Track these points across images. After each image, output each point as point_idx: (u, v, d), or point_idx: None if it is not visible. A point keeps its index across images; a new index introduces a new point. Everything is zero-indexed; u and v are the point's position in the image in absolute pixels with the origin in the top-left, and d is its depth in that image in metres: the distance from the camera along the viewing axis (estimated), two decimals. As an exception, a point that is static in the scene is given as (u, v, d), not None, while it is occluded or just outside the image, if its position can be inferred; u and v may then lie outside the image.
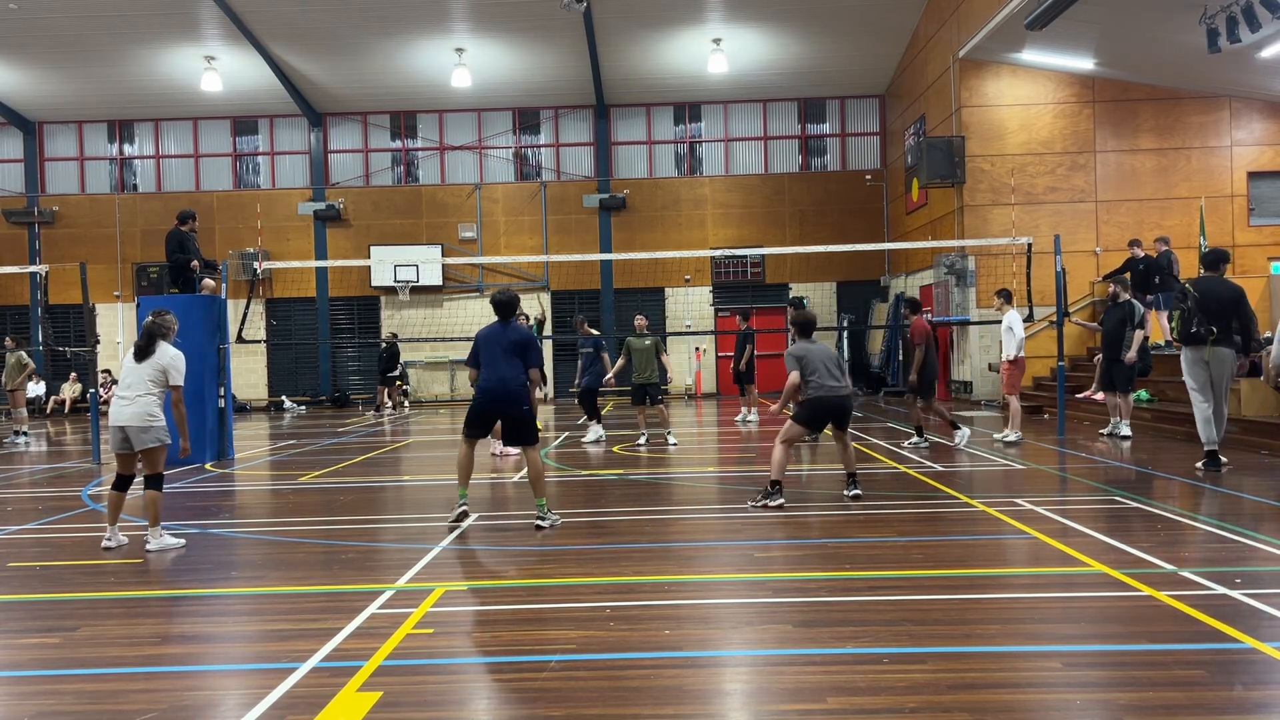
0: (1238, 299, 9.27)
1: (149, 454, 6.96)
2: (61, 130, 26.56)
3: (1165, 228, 18.04)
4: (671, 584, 5.60)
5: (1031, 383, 18.41)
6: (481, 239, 25.40)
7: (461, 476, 7.49)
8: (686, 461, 11.48)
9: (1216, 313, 9.28)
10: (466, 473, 7.51)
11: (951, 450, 11.47)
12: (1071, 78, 19.30)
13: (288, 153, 26.43)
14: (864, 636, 4.45)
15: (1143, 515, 7.21)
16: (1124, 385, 12.40)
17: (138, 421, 6.89)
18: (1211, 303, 9.30)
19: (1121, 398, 12.42)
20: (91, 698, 3.93)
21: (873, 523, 7.24)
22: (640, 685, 3.92)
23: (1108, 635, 4.50)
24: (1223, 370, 9.34)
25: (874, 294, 25.33)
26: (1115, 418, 12.43)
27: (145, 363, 7.06)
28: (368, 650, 4.37)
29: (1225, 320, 9.25)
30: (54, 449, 15.51)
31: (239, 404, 23.15)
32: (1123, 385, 12.39)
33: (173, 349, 7.19)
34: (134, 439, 6.90)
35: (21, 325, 25.84)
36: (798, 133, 26.17)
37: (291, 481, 10.56)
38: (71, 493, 9.84)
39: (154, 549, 6.75)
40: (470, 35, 22.63)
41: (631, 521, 7.47)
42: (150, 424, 6.92)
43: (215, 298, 12.85)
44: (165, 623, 5.06)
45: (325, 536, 7.20)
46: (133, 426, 6.89)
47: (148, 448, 6.93)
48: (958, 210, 19.63)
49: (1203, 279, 9.61)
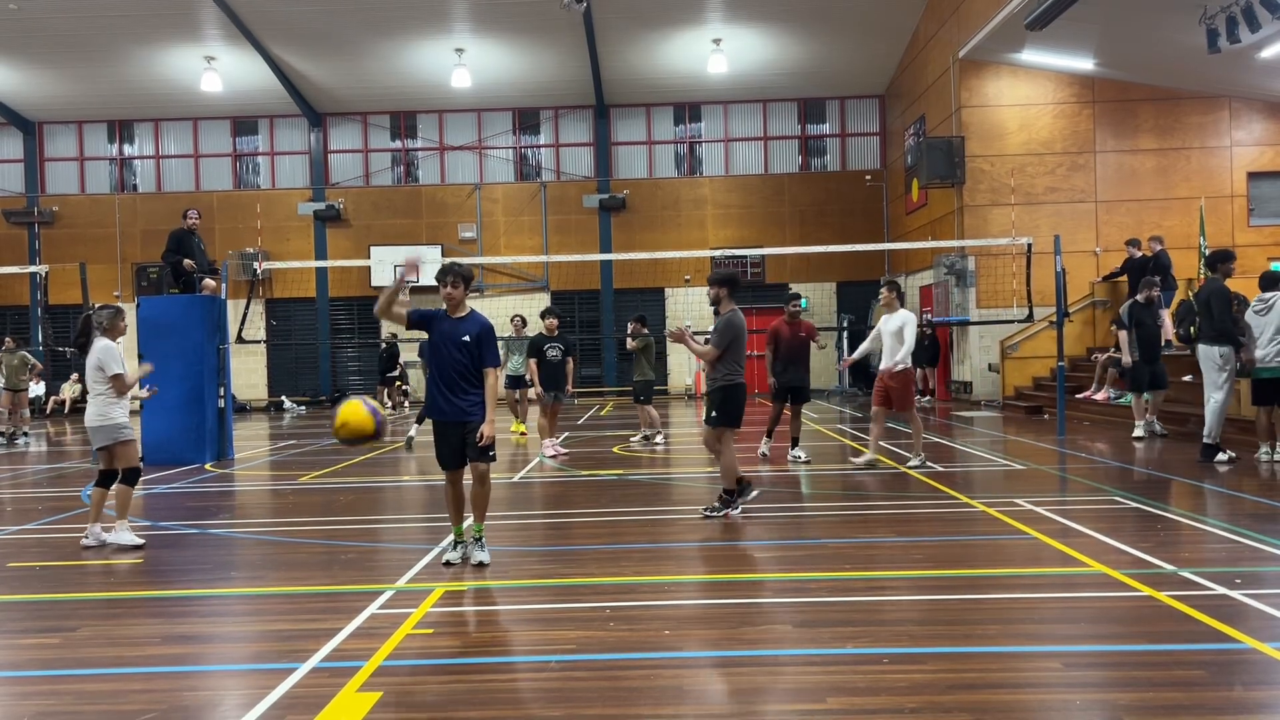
0: (1208, 297, 9.86)
1: (109, 452, 7.06)
2: (61, 130, 26.56)
3: (1165, 228, 18.05)
4: (671, 584, 5.60)
5: (1031, 383, 18.42)
6: (481, 239, 25.40)
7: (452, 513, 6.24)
8: (686, 461, 11.48)
9: (1202, 313, 9.99)
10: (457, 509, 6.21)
11: (951, 451, 11.47)
12: (1071, 78, 19.30)
13: (288, 153, 26.43)
14: (864, 636, 4.45)
15: (1143, 515, 7.20)
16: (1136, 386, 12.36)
17: (92, 422, 7.04)
18: (1199, 304, 10.07)
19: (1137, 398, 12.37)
20: (91, 698, 3.93)
21: (873, 523, 7.24)
22: (640, 685, 3.92)
23: (1108, 635, 4.50)
24: (1205, 365, 9.93)
25: (874, 294, 25.29)
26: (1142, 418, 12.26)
27: (86, 359, 7.12)
28: (368, 650, 4.36)
29: (1207, 319, 9.87)
30: (54, 449, 15.51)
31: (239, 404, 23.14)
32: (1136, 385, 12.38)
33: (103, 340, 7.08)
34: (93, 439, 7.07)
35: (21, 325, 25.85)
36: (798, 133, 26.18)
37: (291, 481, 10.55)
38: (71, 493, 9.84)
39: (110, 541, 6.80)
40: (470, 35, 22.64)
41: (631, 521, 7.46)
42: (102, 423, 7.00)
43: (215, 298, 12.84)
44: (165, 623, 5.05)
45: (325, 536, 7.19)
46: (91, 428, 7.05)
47: (106, 445, 7.05)
48: (957, 210, 19.63)
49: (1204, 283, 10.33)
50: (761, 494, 8.09)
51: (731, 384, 7.55)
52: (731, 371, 7.54)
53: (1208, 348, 9.88)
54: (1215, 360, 9.82)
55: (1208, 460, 9.72)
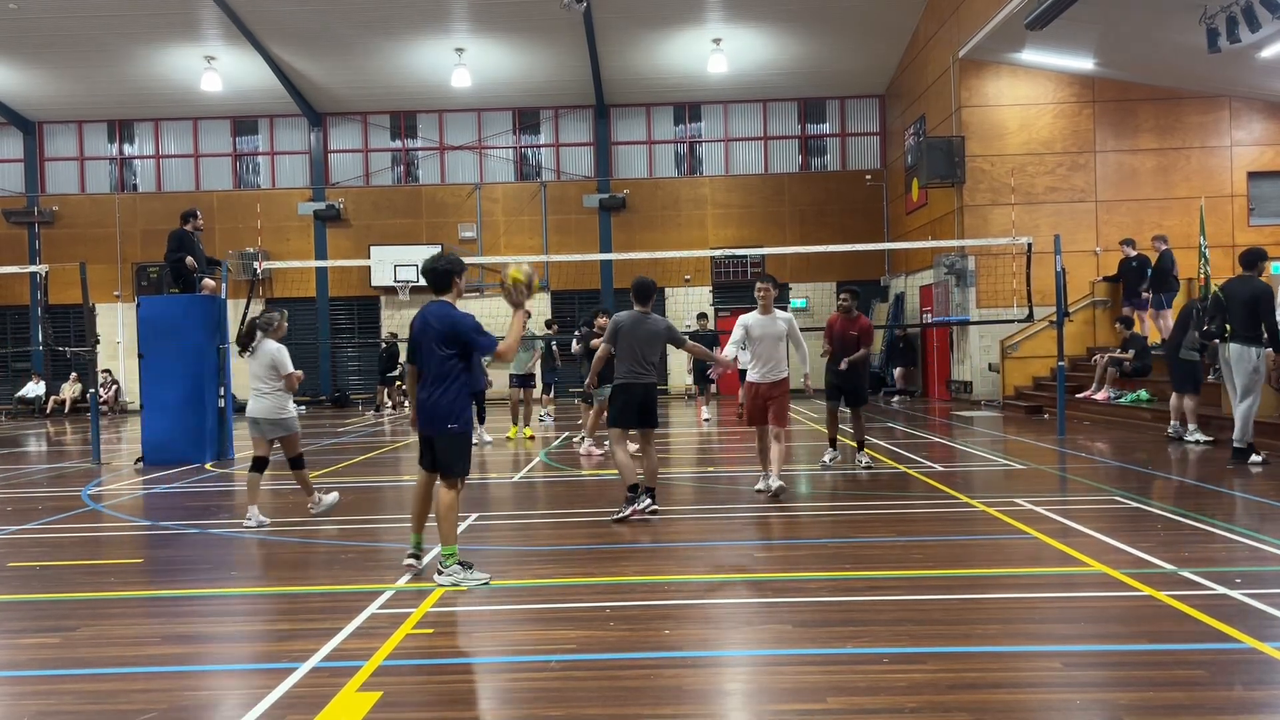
0: (1256, 298, 9.42)
1: (286, 441, 7.84)
2: (61, 130, 26.56)
3: (1165, 228, 18.03)
4: (671, 584, 5.60)
5: (1031, 382, 18.42)
6: (481, 239, 25.39)
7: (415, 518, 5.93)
8: (686, 461, 11.48)
9: (1237, 312, 9.48)
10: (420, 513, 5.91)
11: (951, 450, 11.46)
12: (1071, 78, 19.30)
13: (288, 153, 26.42)
14: (864, 636, 4.45)
15: (1143, 515, 7.20)
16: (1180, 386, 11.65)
17: (269, 415, 7.75)
18: (1233, 303, 9.56)
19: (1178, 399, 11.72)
20: (91, 698, 3.93)
21: (873, 523, 7.24)
22: (640, 685, 3.92)
23: (1108, 635, 4.50)
24: (1239, 367, 9.51)
25: (874, 294, 25.32)
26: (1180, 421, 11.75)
27: (254, 359, 7.71)
28: (368, 650, 4.36)
29: (1246, 319, 9.42)
30: (54, 449, 15.50)
31: (239, 404, 23.12)
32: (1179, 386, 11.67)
33: (272, 342, 7.78)
34: (266, 431, 7.77)
35: (21, 325, 25.86)
36: (798, 133, 26.17)
37: (292, 481, 10.54)
38: (71, 493, 9.83)
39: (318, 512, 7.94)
40: (470, 35, 22.63)
41: (631, 521, 7.46)
42: (280, 416, 7.78)
43: (215, 298, 12.83)
44: (165, 623, 5.06)
45: (325, 536, 7.19)
46: (267, 420, 7.76)
47: (281, 436, 7.82)
48: (957, 210, 19.63)
49: (1232, 280, 9.85)
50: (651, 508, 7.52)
51: (618, 384, 7.73)
52: (622, 373, 7.71)
53: (1244, 349, 9.44)
54: (1251, 361, 9.46)
55: (1241, 463, 9.40)
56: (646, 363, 7.65)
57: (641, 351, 7.61)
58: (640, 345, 7.60)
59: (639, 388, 7.64)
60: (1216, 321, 9.75)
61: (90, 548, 6.91)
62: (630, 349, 7.60)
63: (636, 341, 7.60)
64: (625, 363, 7.66)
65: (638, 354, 7.61)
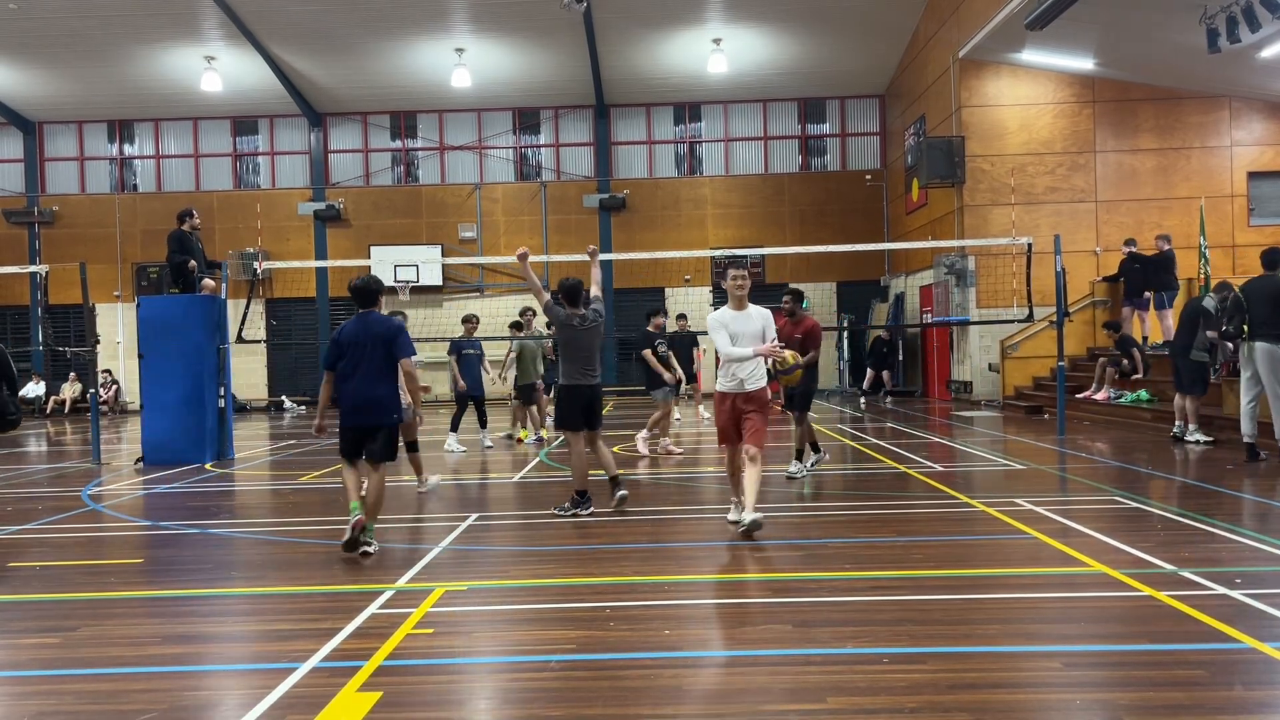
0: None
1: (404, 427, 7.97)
2: (61, 130, 26.56)
3: (1165, 228, 18.04)
4: (671, 584, 5.60)
5: (1031, 382, 18.42)
6: (481, 239, 25.40)
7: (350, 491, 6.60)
8: (686, 461, 11.48)
9: (1262, 311, 9.47)
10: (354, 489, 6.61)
11: (951, 450, 11.46)
12: (1071, 78, 19.30)
13: (288, 153, 26.43)
14: (864, 636, 4.45)
15: (1143, 515, 7.20)
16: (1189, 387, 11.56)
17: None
18: (1256, 302, 9.54)
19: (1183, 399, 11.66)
20: (91, 698, 3.93)
21: (873, 523, 7.24)
22: (640, 685, 3.92)
23: (1108, 635, 4.50)
24: (1268, 365, 9.47)
25: (874, 294, 25.34)
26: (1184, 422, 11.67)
27: None
28: (368, 650, 4.36)
29: (1271, 317, 9.40)
30: (54, 449, 15.51)
31: (239, 404, 23.12)
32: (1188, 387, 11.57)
33: None
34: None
35: (22, 325, 25.86)
36: (798, 133, 26.17)
37: (291, 481, 10.55)
38: (72, 493, 9.83)
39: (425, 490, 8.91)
40: (470, 35, 22.63)
41: (631, 521, 7.46)
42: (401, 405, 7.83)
43: (215, 298, 12.83)
44: (165, 623, 5.05)
45: (325, 536, 7.19)
46: None
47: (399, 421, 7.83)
48: (958, 210, 19.63)
49: (1255, 279, 9.82)
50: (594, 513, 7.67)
51: (565, 385, 7.81)
52: (566, 374, 7.78)
53: (1274, 347, 9.38)
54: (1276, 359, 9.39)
55: (1251, 462, 9.53)
56: (593, 364, 7.83)
57: (588, 353, 7.78)
58: (587, 347, 7.78)
59: (586, 389, 7.76)
60: (1235, 322, 9.75)
61: (90, 548, 6.91)
62: (578, 351, 7.75)
63: (584, 343, 7.76)
64: (574, 364, 7.77)
65: (585, 356, 7.76)
